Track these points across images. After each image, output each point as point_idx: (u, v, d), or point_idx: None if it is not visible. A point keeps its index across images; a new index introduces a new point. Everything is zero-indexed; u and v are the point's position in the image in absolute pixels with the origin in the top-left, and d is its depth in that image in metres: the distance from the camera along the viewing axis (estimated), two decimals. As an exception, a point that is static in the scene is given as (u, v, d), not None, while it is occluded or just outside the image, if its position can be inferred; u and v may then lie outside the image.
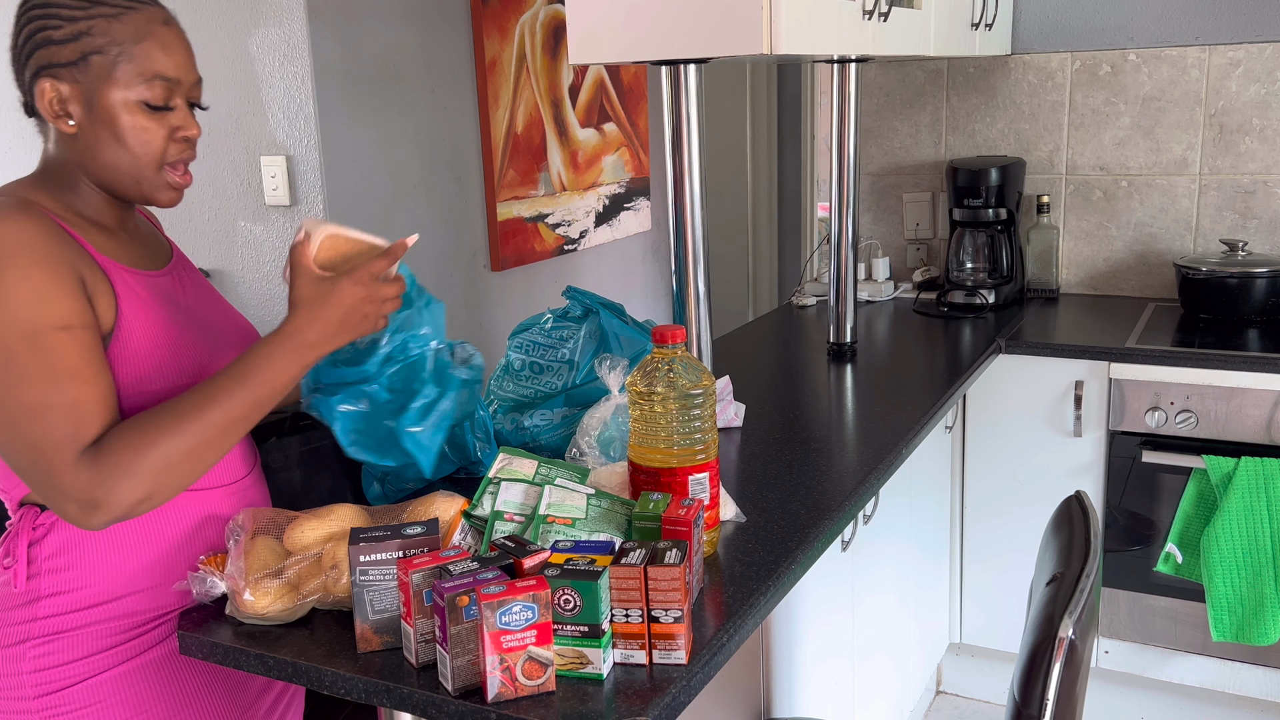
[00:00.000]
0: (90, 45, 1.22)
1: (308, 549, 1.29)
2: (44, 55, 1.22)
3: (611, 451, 1.59)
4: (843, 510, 1.59)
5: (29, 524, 1.27)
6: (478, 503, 1.36)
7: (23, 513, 1.28)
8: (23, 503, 1.29)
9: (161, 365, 1.28)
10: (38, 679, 1.27)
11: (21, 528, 1.27)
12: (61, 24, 1.22)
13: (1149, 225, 2.97)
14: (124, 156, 1.26)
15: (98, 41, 1.22)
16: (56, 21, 1.22)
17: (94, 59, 1.22)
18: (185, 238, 2.86)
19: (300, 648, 1.24)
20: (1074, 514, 1.37)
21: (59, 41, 1.22)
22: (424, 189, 2.97)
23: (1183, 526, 2.43)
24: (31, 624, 1.27)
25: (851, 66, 2.47)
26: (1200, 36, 2.83)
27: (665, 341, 1.37)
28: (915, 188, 3.25)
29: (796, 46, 1.68)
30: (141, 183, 1.28)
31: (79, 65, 1.22)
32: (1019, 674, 1.19)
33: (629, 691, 1.12)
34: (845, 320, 2.53)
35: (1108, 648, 2.63)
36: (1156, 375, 2.45)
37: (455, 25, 3.04)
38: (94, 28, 1.22)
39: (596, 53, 1.73)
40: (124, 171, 1.27)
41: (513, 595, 1.08)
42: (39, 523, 1.27)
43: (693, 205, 1.80)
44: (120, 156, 1.26)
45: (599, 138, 3.69)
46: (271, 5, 2.59)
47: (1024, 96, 3.05)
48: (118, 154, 1.25)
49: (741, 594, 1.31)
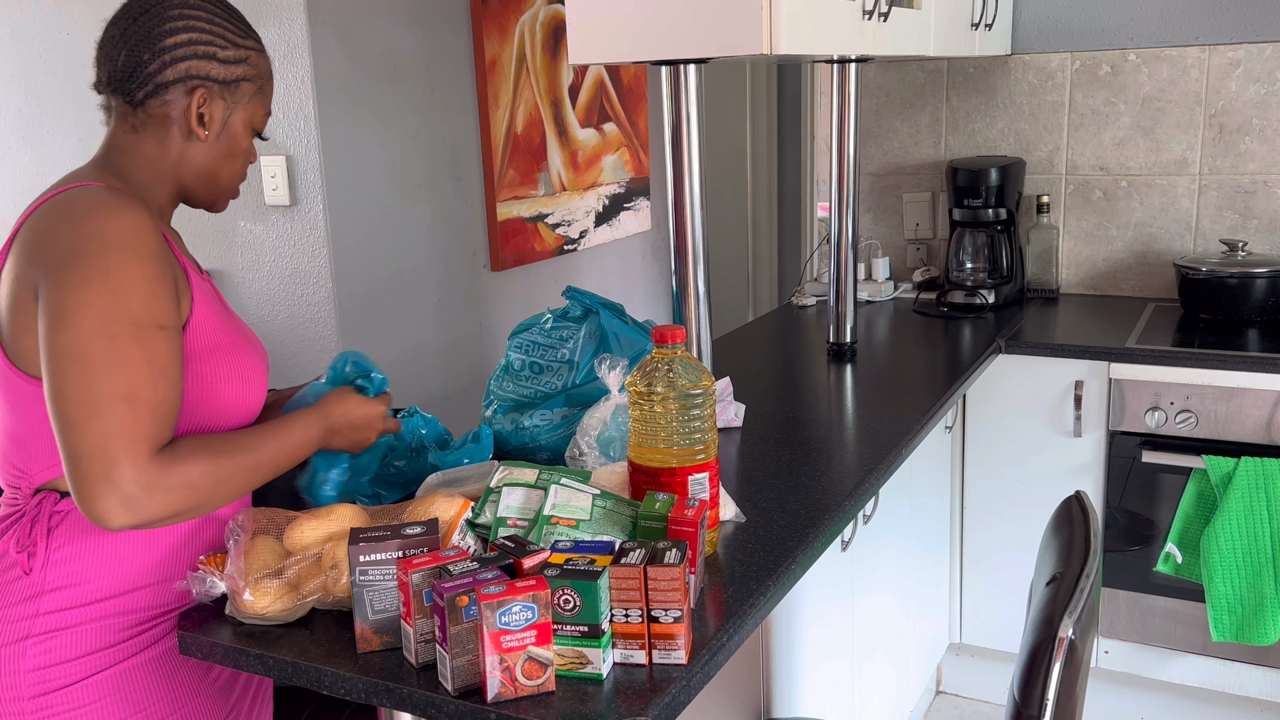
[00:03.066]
0: (246, 72, 1.37)
1: (308, 549, 1.29)
2: (202, 67, 1.32)
3: (611, 451, 1.59)
4: (843, 510, 1.59)
5: (48, 509, 1.28)
6: (480, 511, 1.36)
7: (41, 498, 1.29)
8: (39, 489, 1.29)
9: (225, 369, 1.32)
10: (35, 677, 1.27)
11: (40, 513, 1.28)
12: (228, 46, 1.34)
13: (1149, 225, 2.97)
14: (226, 171, 1.39)
15: (251, 71, 1.37)
16: (223, 42, 1.34)
17: (244, 85, 1.37)
18: (185, 238, 2.86)
19: (300, 648, 1.24)
20: (1074, 514, 1.37)
21: (223, 61, 1.34)
22: (424, 189, 2.97)
23: (1183, 526, 2.43)
24: (34, 620, 1.27)
25: (851, 66, 2.47)
26: (1200, 36, 2.83)
27: (665, 341, 1.37)
28: (915, 188, 3.25)
29: (796, 46, 1.68)
30: (223, 193, 1.42)
31: (231, 86, 1.35)
32: (1019, 674, 1.19)
33: (629, 691, 1.12)
34: (845, 320, 2.53)
35: (1108, 648, 2.63)
36: (1156, 375, 2.45)
37: (455, 25, 3.04)
38: (250, 58, 1.37)
39: (596, 53, 1.73)
40: (219, 183, 1.40)
41: (512, 595, 1.08)
42: (57, 509, 1.28)
43: (693, 205, 1.80)
44: (224, 170, 1.39)
45: (599, 138, 3.69)
46: (271, 5, 2.59)
47: (1024, 96, 3.05)
48: (223, 168, 1.39)
49: (741, 594, 1.31)
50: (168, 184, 1.36)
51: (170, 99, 1.32)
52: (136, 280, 1.19)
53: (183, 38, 1.31)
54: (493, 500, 1.37)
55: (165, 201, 1.37)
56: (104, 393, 1.15)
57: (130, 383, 1.17)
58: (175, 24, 1.31)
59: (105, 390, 1.15)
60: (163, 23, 1.30)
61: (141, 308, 1.19)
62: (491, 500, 1.37)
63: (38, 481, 1.29)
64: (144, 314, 1.19)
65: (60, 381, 1.16)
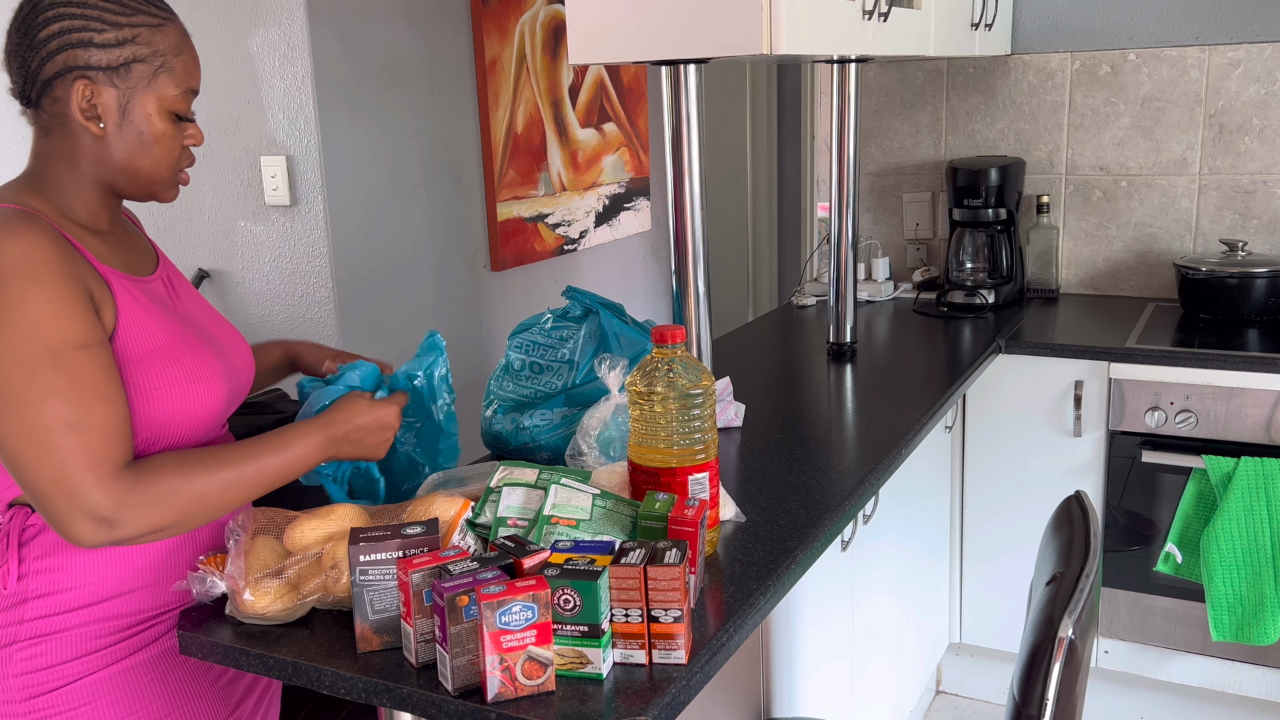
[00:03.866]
0: (134, 53, 1.25)
1: (308, 549, 1.29)
2: (80, 55, 1.23)
3: (611, 451, 1.59)
4: (843, 510, 1.59)
5: (19, 524, 1.27)
6: (480, 511, 1.36)
7: (13, 513, 1.27)
8: (12, 504, 1.28)
9: (167, 373, 1.28)
10: (24, 681, 1.26)
11: (12, 528, 1.27)
12: (105, 28, 1.23)
13: (1149, 225, 2.97)
14: (146, 161, 1.29)
15: (141, 50, 1.25)
16: (99, 25, 1.23)
17: (136, 66, 1.25)
18: (185, 238, 2.86)
19: (300, 648, 1.24)
20: (1074, 514, 1.37)
21: (101, 45, 1.23)
22: (424, 189, 2.97)
23: (1182, 526, 2.43)
24: (18, 626, 1.26)
25: (851, 66, 2.47)
26: (1200, 36, 2.83)
27: (665, 341, 1.37)
28: (915, 188, 3.25)
29: (796, 46, 1.68)
30: (155, 185, 1.32)
31: (119, 71, 1.24)
32: (1019, 674, 1.19)
33: (629, 691, 1.12)
34: (845, 320, 2.53)
35: (1108, 648, 2.63)
36: (1156, 375, 2.45)
37: (455, 25, 3.04)
38: (139, 36, 1.25)
39: (596, 53, 1.73)
40: (144, 175, 1.30)
41: (512, 595, 1.08)
42: (29, 523, 1.27)
43: (693, 205, 1.80)
44: (143, 161, 1.29)
45: (599, 138, 3.69)
46: (271, 5, 2.59)
47: (1024, 96, 3.05)
48: (141, 158, 1.29)
49: (741, 594, 1.31)
50: (91, 184, 1.29)
51: (58, 95, 1.24)
52: (40, 306, 1.14)
53: (54, 28, 1.22)
54: (493, 500, 1.37)
55: (96, 203, 1.30)
56: (43, 426, 1.13)
57: (65, 411, 1.14)
58: (47, 15, 1.23)
59: (43, 423, 1.13)
60: (37, 16, 1.23)
61: (52, 333, 1.14)
62: (491, 500, 1.37)
63: (6, 498, 1.28)
64: (57, 338, 1.14)
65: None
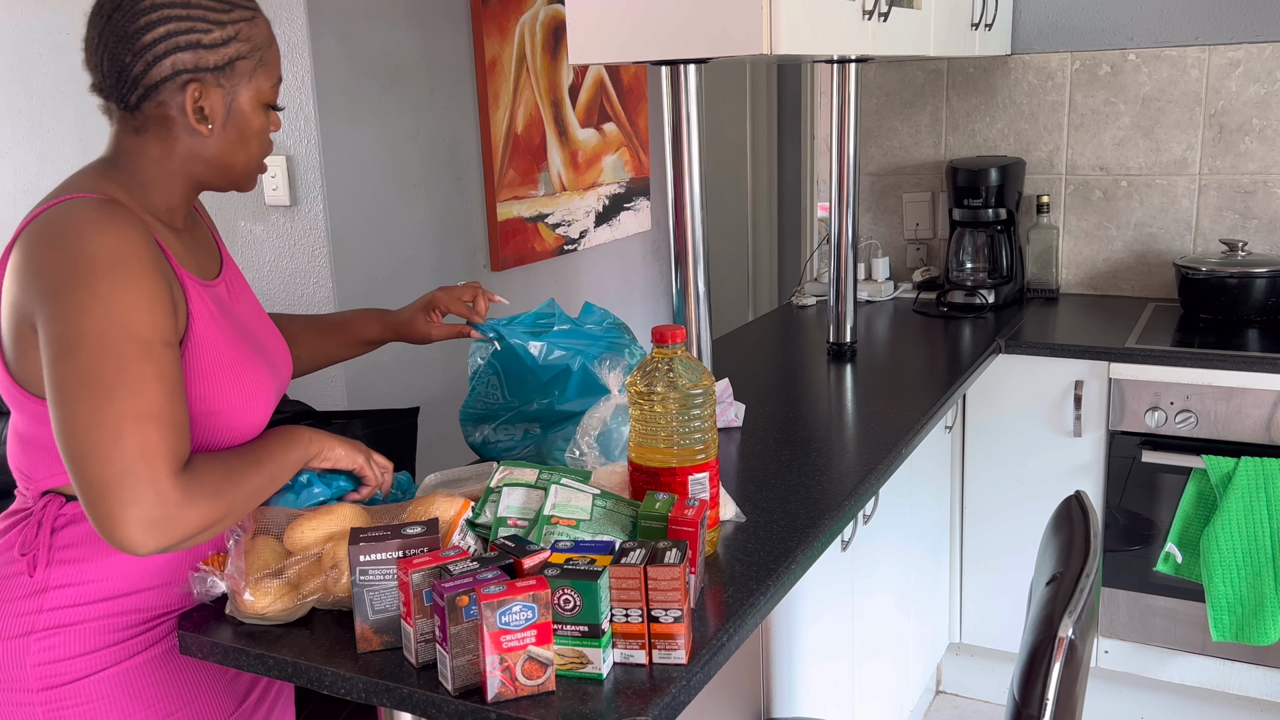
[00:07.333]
0: (238, 50, 1.24)
1: (308, 549, 1.29)
2: (190, 59, 1.22)
3: (612, 451, 1.59)
4: (843, 510, 1.59)
5: (54, 512, 1.27)
6: (480, 511, 1.36)
7: (47, 500, 1.28)
8: (45, 492, 1.29)
9: (227, 394, 1.27)
10: (42, 672, 1.27)
11: (46, 516, 1.27)
12: (211, 27, 1.22)
13: (1149, 225, 2.97)
14: (242, 155, 1.29)
15: (244, 47, 1.25)
16: (205, 25, 1.22)
17: (239, 64, 1.25)
18: (185, 238, 2.86)
19: (300, 648, 1.24)
20: (1074, 514, 1.37)
21: (209, 45, 1.22)
22: (424, 189, 2.97)
23: (1182, 526, 2.43)
24: (37, 615, 1.27)
25: (851, 66, 2.47)
26: (1200, 36, 2.83)
27: (665, 341, 1.37)
28: (915, 188, 3.25)
29: (796, 46, 1.68)
30: (245, 177, 1.31)
31: (225, 70, 1.24)
32: (1019, 674, 1.19)
33: (629, 691, 1.12)
34: (845, 320, 2.53)
35: (1108, 648, 2.63)
36: (1156, 375, 2.45)
37: (455, 25, 3.04)
38: (240, 32, 1.24)
39: (596, 53, 1.73)
40: (237, 169, 1.30)
41: (513, 595, 1.08)
42: (62, 512, 1.27)
43: (693, 205, 1.80)
44: (238, 155, 1.29)
45: (599, 138, 3.68)
46: (271, 5, 2.59)
47: (1024, 96, 3.05)
48: (238, 153, 1.28)
49: (741, 594, 1.31)
50: (179, 181, 1.28)
51: (164, 99, 1.23)
52: (132, 298, 1.13)
53: (160, 31, 1.20)
54: (493, 500, 1.37)
55: (178, 199, 1.30)
56: (124, 415, 1.10)
57: (149, 402, 1.12)
58: (149, 17, 1.20)
59: (125, 412, 1.10)
60: (136, 18, 1.20)
61: (144, 325, 1.13)
62: (491, 500, 1.37)
63: (43, 486, 1.28)
64: (148, 330, 1.14)
65: (72, 411, 1.10)
